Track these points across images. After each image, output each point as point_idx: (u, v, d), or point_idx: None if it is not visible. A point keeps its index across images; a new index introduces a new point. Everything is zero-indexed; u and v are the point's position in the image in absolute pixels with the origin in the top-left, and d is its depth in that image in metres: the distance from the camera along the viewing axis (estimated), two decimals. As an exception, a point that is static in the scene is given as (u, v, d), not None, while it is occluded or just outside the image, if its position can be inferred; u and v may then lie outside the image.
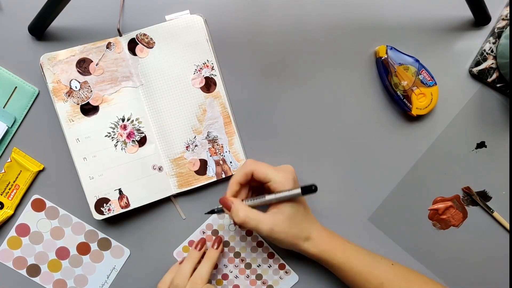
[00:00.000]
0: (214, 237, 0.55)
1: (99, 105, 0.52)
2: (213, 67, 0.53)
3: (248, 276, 0.58)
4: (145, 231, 0.56)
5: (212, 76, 0.53)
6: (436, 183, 0.57)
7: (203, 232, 0.56)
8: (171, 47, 0.53)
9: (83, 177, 0.52)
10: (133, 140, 0.53)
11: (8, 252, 0.55)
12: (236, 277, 0.58)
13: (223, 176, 0.55)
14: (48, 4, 0.47)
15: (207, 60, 0.53)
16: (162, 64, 0.53)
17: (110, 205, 0.53)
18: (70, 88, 0.51)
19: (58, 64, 0.51)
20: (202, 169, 0.54)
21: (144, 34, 0.52)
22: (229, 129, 0.54)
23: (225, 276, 0.57)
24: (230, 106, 0.54)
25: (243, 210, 0.47)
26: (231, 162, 0.54)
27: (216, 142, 0.54)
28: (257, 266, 0.57)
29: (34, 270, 0.56)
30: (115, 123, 0.53)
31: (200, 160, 0.54)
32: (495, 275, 0.58)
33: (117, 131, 0.53)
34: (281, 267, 0.58)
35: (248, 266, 0.57)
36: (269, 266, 0.58)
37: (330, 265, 0.51)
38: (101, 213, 0.53)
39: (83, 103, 0.52)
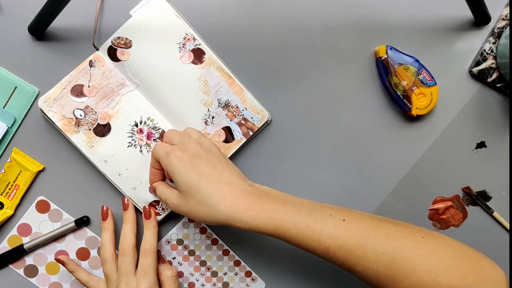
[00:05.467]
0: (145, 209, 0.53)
1: (109, 122, 0.52)
2: (194, 37, 0.52)
3: (214, 284, 0.57)
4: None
5: (197, 46, 0.52)
6: (436, 183, 0.57)
7: (168, 242, 0.56)
8: (148, 38, 0.51)
9: (127, 190, 0.53)
10: (154, 139, 0.53)
11: (8, 253, 0.55)
12: (203, 285, 0.57)
13: (251, 133, 0.54)
14: (48, 4, 0.47)
15: (186, 34, 0.52)
16: (147, 58, 0.52)
17: (161, 204, 0.54)
18: (76, 118, 0.51)
19: (55, 102, 0.51)
20: (229, 136, 0.54)
21: (118, 37, 0.51)
22: (235, 88, 0.53)
23: (191, 285, 0.57)
24: (226, 66, 0.53)
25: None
26: (252, 118, 0.54)
27: (230, 105, 0.54)
28: (224, 274, 0.57)
29: (31, 270, 0.56)
30: (131, 131, 0.52)
31: (223, 129, 0.54)
32: (495, 275, 0.58)
33: (136, 137, 0.52)
34: (248, 274, 0.57)
35: (215, 274, 0.57)
36: (235, 274, 0.57)
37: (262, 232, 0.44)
38: (158, 214, 0.54)
39: (93, 127, 0.52)
